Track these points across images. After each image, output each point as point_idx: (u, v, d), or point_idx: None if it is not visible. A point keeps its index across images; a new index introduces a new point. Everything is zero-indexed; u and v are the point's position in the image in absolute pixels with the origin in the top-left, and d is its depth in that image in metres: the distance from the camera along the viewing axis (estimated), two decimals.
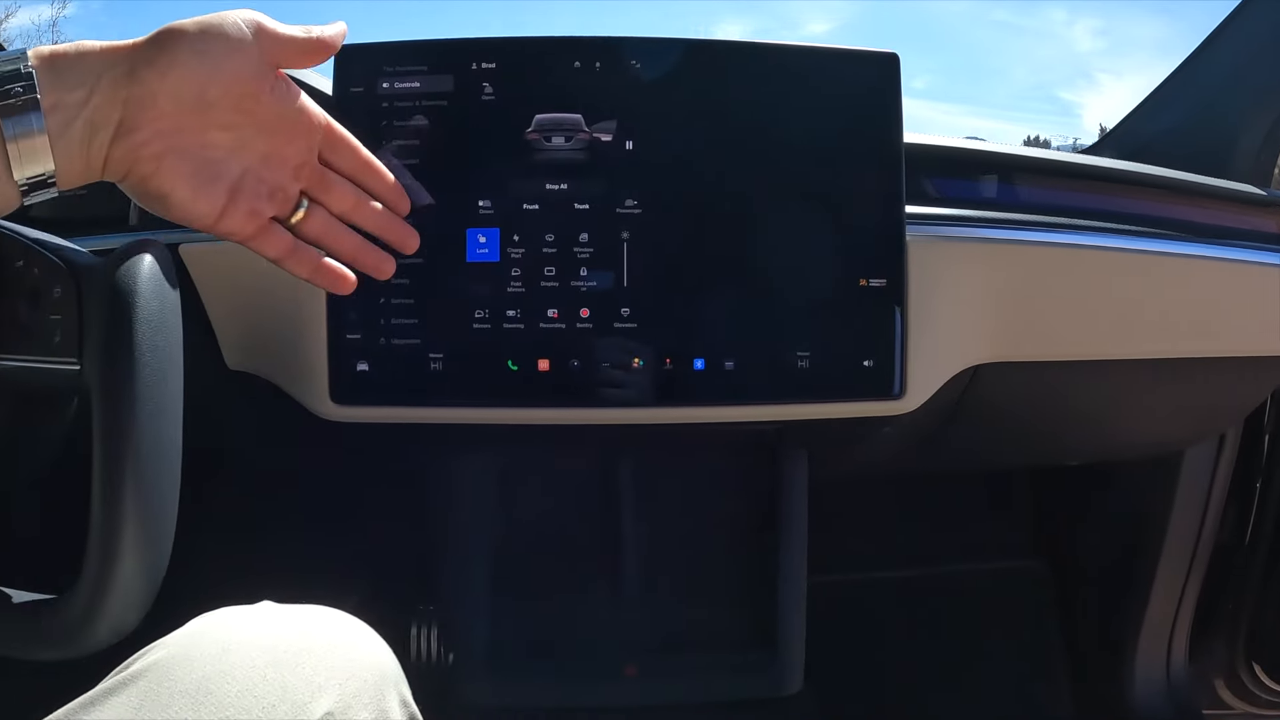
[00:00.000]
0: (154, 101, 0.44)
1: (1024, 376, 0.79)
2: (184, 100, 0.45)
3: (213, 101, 0.46)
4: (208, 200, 0.48)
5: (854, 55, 0.70)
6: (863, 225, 0.69)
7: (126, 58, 0.44)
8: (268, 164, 0.50)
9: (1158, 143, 1.23)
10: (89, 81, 0.43)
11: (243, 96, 0.47)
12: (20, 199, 0.43)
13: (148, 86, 0.44)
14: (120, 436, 0.50)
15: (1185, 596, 1.10)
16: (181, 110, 0.45)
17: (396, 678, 0.45)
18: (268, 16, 0.49)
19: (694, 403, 0.69)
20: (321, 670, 0.41)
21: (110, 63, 0.43)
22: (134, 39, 0.45)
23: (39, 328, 0.55)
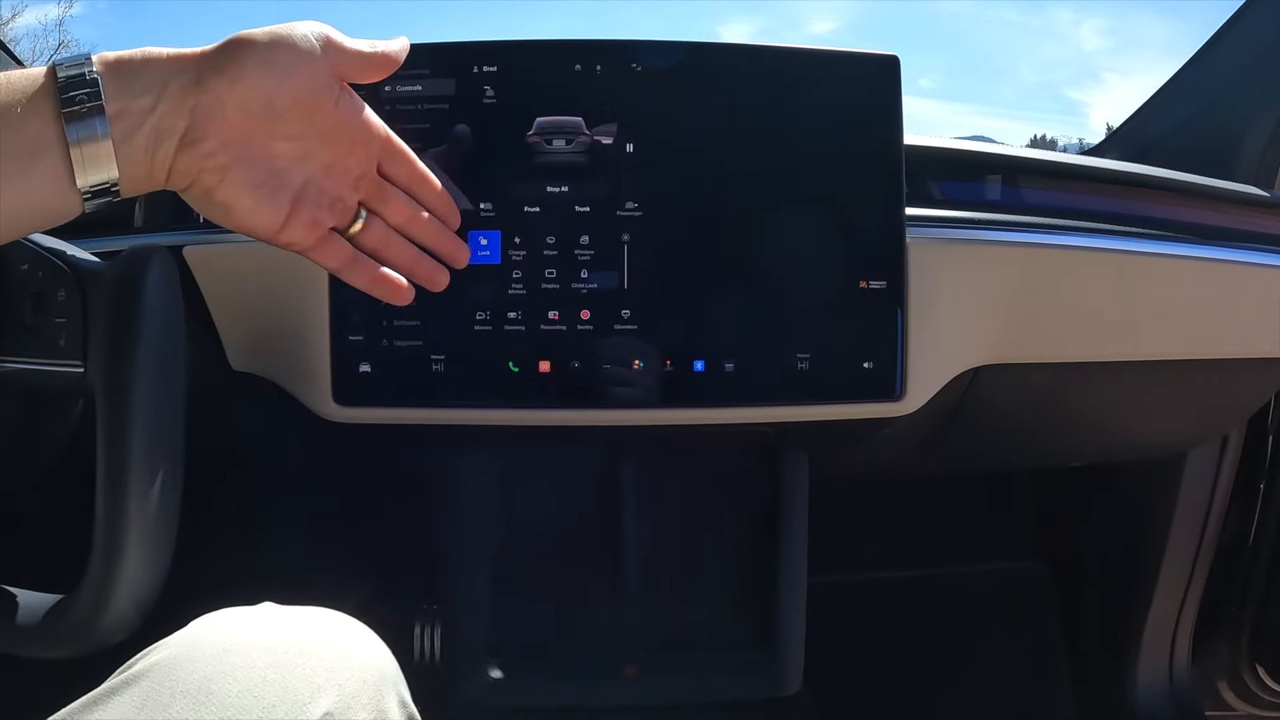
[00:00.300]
0: (221, 110, 0.44)
1: (1025, 378, 0.79)
2: (252, 110, 0.45)
3: (280, 112, 0.46)
4: (271, 211, 0.48)
5: (854, 57, 0.70)
6: (863, 227, 0.69)
7: (194, 65, 0.43)
8: (329, 175, 0.49)
9: (1162, 143, 1.23)
10: (155, 88, 0.42)
11: (310, 108, 0.47)
12: (82, 206, 0.43)
13: (216, 95, 0.43)
14: (123, 438, 0.51)
15: (1188, 598, 1.10)
16: (249, 120, 0.45)
17: (395, 678, 0.45)
18: (334, 29, 0.49)
19: (694, 404, 0.69)
20: (321, 671, 0.41)
21: (178, 70, 0.43)
22: (200, 47, 0.44)
23: (44, 330, 0.56)
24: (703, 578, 0.88)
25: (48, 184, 0.41)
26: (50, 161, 0.41)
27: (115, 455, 0.51)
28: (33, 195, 0.41)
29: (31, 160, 0.40)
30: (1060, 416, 0.87)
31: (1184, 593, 1.10)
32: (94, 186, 0.42)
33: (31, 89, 0.40)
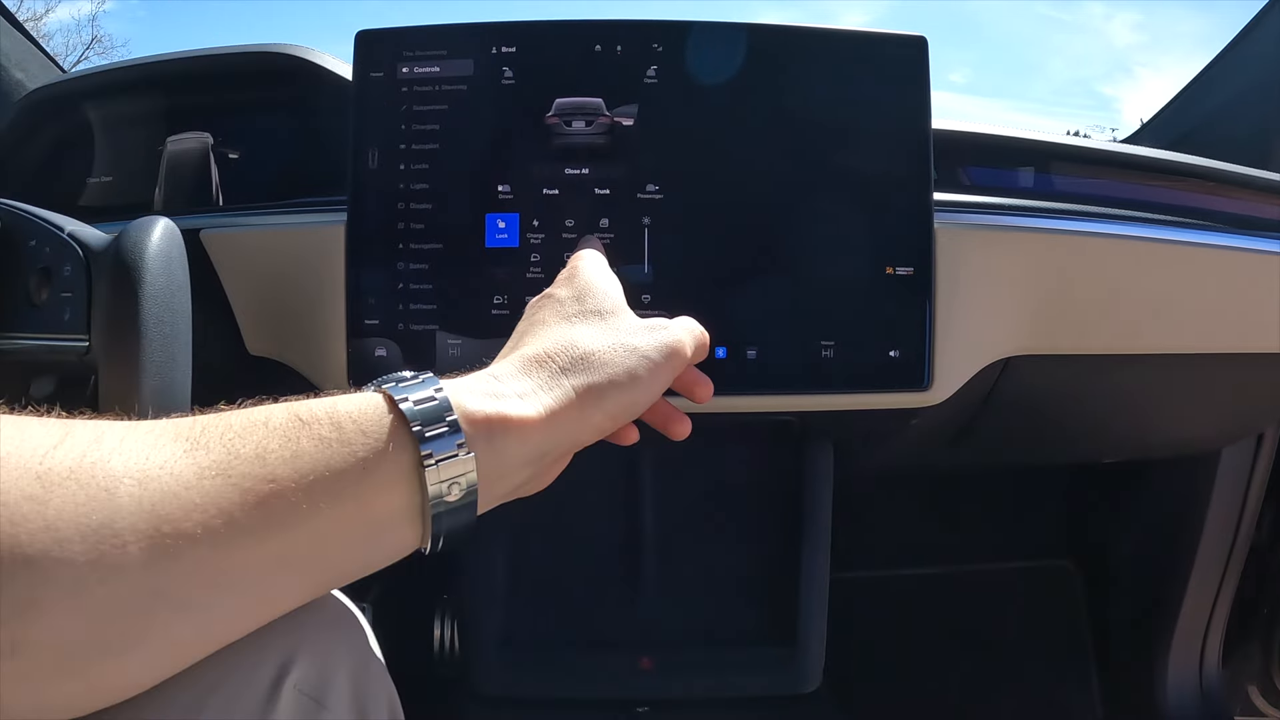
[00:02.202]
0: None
1: (1056, 369, 0.76)
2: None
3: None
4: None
5: (882, 38, 0.69)
6: (890, 212, 0.67)
7: (572, 431, 0.43)
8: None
9: (1195, 134, 1.20)
10: (530, 465, 0.42)
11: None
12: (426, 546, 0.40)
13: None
14: (126, 410, 0.50)
15: (1220, 599, 1.07)
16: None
17: (370, 656, 0.43)
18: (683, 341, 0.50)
19: (716, 392, 0.67)
20: (297, 643, 0.39)
21: (553, 443, 0.42)
22: (569, 401, 0.43)
23: (50, 306, 0.56)
24: (722, 571, 0.87)
25: (396, 547, 0.39)
26: (404, 535, 0.38)
27: None
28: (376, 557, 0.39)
29: (382, 532, 0.38)
30: (1091, 410, 0.85)
31: (1215, 593, 1.07)
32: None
33: (391, 472, 0.37)
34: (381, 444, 0.36)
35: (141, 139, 0.89)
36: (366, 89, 0.68)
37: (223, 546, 0.33)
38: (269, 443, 0.35)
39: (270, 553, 0.34)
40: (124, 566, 0.31)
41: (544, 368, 0.43)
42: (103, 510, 0.31)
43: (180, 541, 0.32)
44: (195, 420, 0.35)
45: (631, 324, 0.48)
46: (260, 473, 0.34)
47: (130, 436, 0.33)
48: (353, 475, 0.35)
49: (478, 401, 0.39)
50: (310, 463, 0.35)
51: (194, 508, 0.32)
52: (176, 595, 0.32)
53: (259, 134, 0.89)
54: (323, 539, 0.35)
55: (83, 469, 0.31)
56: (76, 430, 0.32)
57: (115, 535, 0.31)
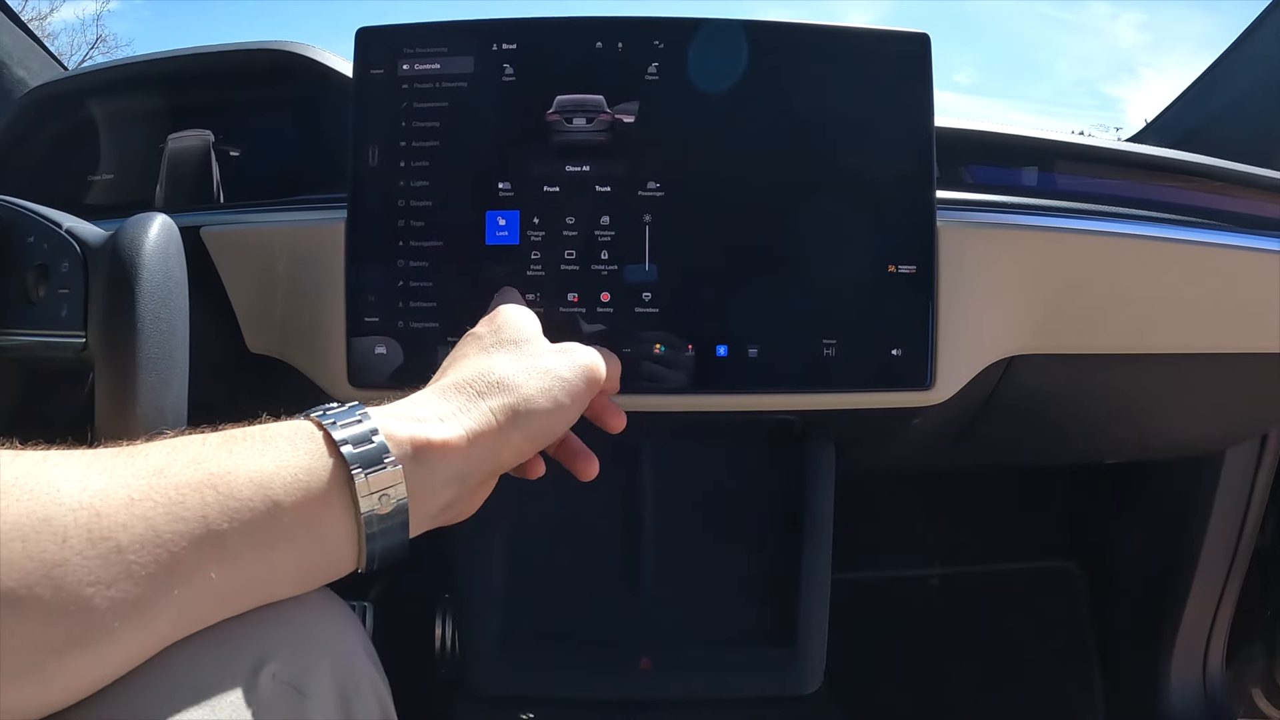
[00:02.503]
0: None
1: (1060, 369, 0.76)
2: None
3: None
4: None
5: (884, 35, 0.68)
6: (892, 210, 0.67)
7: (492, 452, 0.46)
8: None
9: (1200, 132, 1.20)
10: (455, 485, 0.44)
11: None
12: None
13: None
14: (122, 406, 0.50)
15: (1223, 601, 1.07)
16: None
17: (362, 653, 0.43)
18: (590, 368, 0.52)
19: (717, 390, 0.67)
20: (280, 634, 0.40)
21: (475, 467, 0.45)
22: (489, 423, 0.46)
23: (47, 302, 0.55)
24: (723, 571, 0.87)
25: (333, 564, 0.41)
26: (340, 552, 0.40)
27: (113, 424, 0.50)
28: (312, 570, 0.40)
29: (319, 545, 0.40)
30: (1095, 410, 0.85)
31: (1219, 596, 1.07)
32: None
33: (321, 482, 0.39)
34: (313, 458, 0.39)
35: (143, 136, 0.89)
36: (367, 86, 0.68)
37: (164, 538, 0.34)
38: (205, 451, 0.37)
39: (212, 546, 0.35)
40: (64, 560, 0.31)
41: (462, 393, 0.46)
42: (44, 509, 0.32)
43: (119, 533, 0.33)
44: (130, 443, 0.37)
45: (545, 349, 0.51)
46: (197, 473, 0.36)
47: (71, 456, 0.35)
48: (287, 482, 0.37)
49: (401, 426, 0.42)
50: (247, 469, 0.37)
51: (132, 502, 0.33)
52: (119, 590, 0.33)
53: (260, 132, 0.88)
54: (261, 541, 0.37)
55: (26, 477, 0.32)
56: (25, 453, 0.34)
57: (56, 532, 0.32)
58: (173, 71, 0.89)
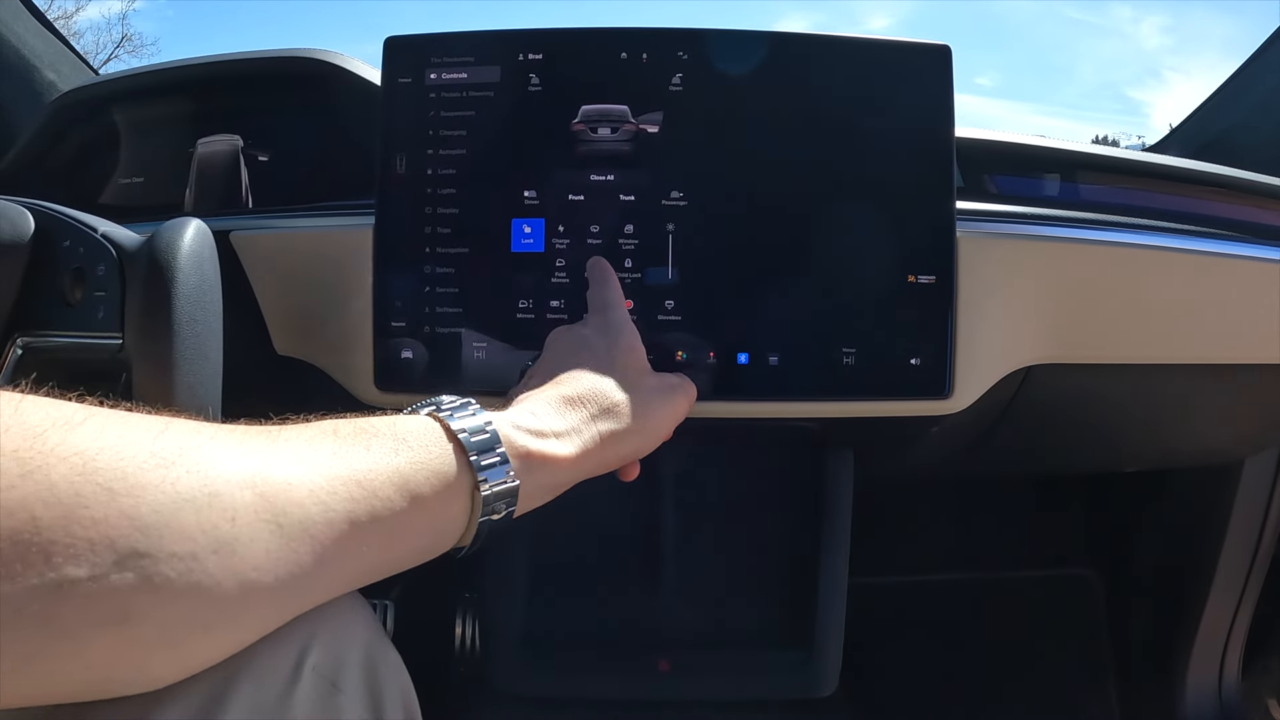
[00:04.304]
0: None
1: (1078, 379, 0.76)
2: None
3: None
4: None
5: (906, 47, 0.69)
6: (912, 221, 0.68)
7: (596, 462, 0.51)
8: None
9: (1223, 141, 1.19)
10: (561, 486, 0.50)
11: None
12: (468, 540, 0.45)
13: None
14: (159, 405, 0.51)
15: (1240, 610, 1.07)
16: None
17: (383, 647, 0.44)
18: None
19: (738, 397, 0.68)
20: (311, 629, 0.41)
21: (579, 473, 0.50)
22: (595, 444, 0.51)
23: (84, 304, 0.57)
24: (741, 574, 0.87)
25: (444, 547, 0.45)
26: (454, 538, 0.45)
27: None
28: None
29: (441, 533, 0.44)
30: (1114, 420, 0.85)
31: (1236, 605, 1.06)
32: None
33: (450, 487, 0.42)
34: (444, 463, 0.42)
35: (171, 141, 0.90)
36: (395, 95, 0.69)
37: (320, 523, 0.36)
38: (340, 445, 0.39)
39: (356, 537, 0.37)
40: (234, 537, 0.32)
41: (578, 411, 0.51)
42: (214, 483, 0.33)
43: (281, 517, 0.34)
44: (266, 427, 0.38)
45: (653, 382, 0.57)
46: (345, 467, 0.38)
47: (220, 433, 0.36)
48: (424, 483, 0.41)
49: (523, 439, 0.46)
50: (388, 467, 0.40)
51: (291, 486, 0.35)
52: (280, 569, 0.34)
53: (287, 137, 0.90)
54: (401, 529, 0.40)
55: (190, 449, 0.33)
56: (175, 423, 0.35)
57: (226, 507, 0.33)
58: (202, 77, 0.91)
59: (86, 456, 0.30)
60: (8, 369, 0.59)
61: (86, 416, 0.32)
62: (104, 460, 0.30)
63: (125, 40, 11.82)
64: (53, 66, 1.13)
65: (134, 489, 0.30)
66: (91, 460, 0.30)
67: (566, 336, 0.59)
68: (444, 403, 0.46)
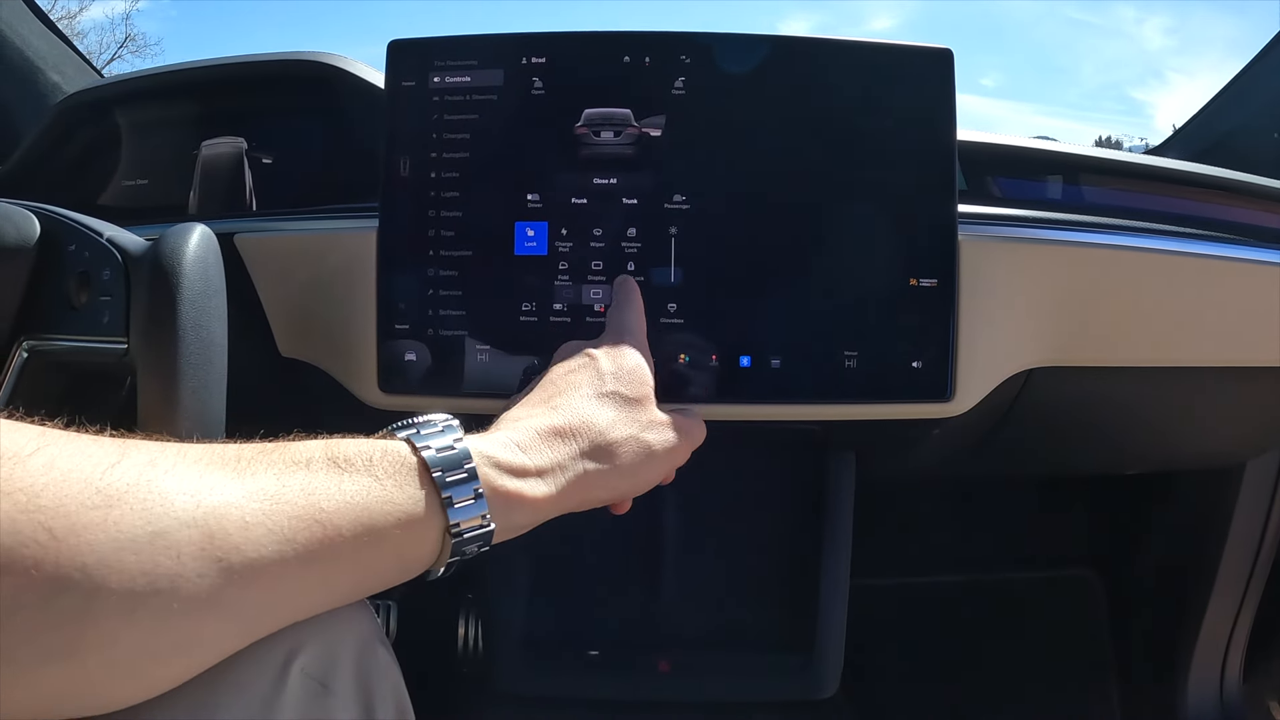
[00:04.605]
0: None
1: (1080, 382, 0.76)
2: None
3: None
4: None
5: (908, 51, 0.69)
6: (914, 224, 0.68)
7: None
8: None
9: (1226, 143, 1.20)
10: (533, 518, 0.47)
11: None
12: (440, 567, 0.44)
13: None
14: (164, 410, 0.52)
15: (1242, 612, 1.07)
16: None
17: (378, 646, 0.44)
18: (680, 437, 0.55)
19: (740, 400, 0.68)
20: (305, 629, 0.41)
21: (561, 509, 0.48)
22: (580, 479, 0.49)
23: (89, 309, 0.57)
24: (742, 576, 0.87)
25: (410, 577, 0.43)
26: (422, 570, 0.44)
27: (156, 428, 0.52)
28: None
29: (408, 570, 0.43)
30: (1116, 422, 0.85)
31: (1238, 607, 1.06)
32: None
33: (423, 526, 0.41)
34: (418, 503, 0.41)
35: (176, 143, 0.91)
36: (398, 98, 0.69)
37: (272, 563, 0.35)
38: (313, 480, 0.38)
39: (314, 574, 0.37)
40: (177, 575, 0.32)
41: (567, 445, 0.48)
42: (159, 521, 0.32)
43: (231, 555, 0.34)
44: (235, 451, 0.38)
45: (654, 418, 0.53)
46: (308, 504, 0.37)
47: (180, 463, 0.35)
48: (392, 524, 0.40)
49: (500, 479, 0.44)
50: (355, 505, 0.38)
51: (245, 525, 0.34)
52: (225, 605, 0.34)
53: (292, 139, 0.90)
54: (365, 564, 0.39)
55: (140, 485, 0.33)
56: (131, 452, 0.34)
57: (170, 546, 0.32)
58: (207, 80, 0.91)
59: (31, 494, 0.30)
60: (13, 372, 0.60)
61: (38, 447, 0.32)
62: (47, 498, 0.30)
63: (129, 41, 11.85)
64: (57, 68, 1.13)
65: (75, 529, 0.30)
66: (35, 498, 0.30)
67: (574, 353, 0.56)
68: (425, 429, 0.44)
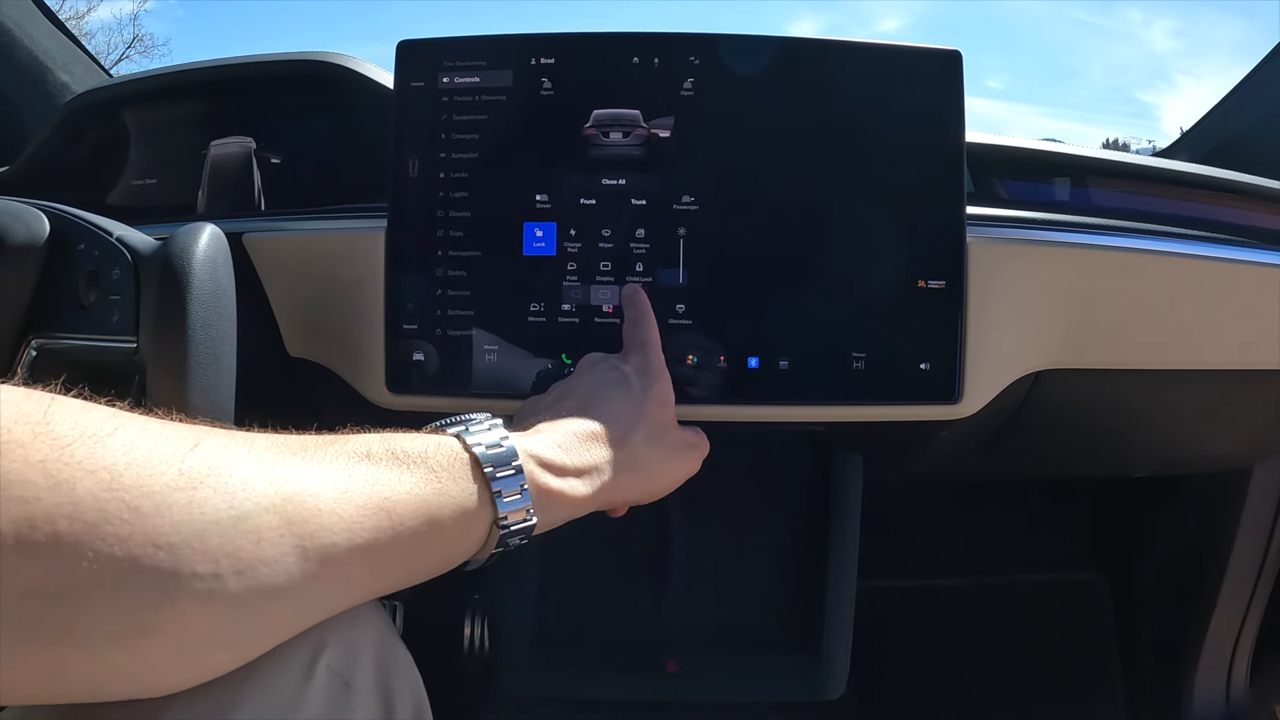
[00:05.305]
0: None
1: (1088, 384, 0.76)
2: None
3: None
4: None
5: (916, 52, 0.69)
6: (922, 226, 0.68)
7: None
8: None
9: (1235, 145, 1.19)
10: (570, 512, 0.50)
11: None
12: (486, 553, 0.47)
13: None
14: (175, 409, 0.52)
15: (1249, 616, 1.06)
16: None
17: (395, 645, 0.45)
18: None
19: (748, 401, 0.68)
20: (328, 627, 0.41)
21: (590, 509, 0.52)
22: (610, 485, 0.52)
23: (99, 307, 0.57)
24: (749, 577, 0.88)
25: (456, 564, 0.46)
26: (468, 557, 0.46)
27: None
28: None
29: (458, 556, 0.45)
30: (1123, 425, 0.85)
31: (1244, 610, 1.06)
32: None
33: (473, 519, 0.44)
34: (471, 498, 0.43)
35: (184, 142, 0.91)
36: (407, 98, 0.70)
37: (344, 548, 0.36)
38: (376, 471, 0.40)
39: (376, 562, 0.38)
40: (257, 559, 0.33)
41: (601, 450, 0.52)
42: (242, 505, 0.33)
43: (306, 541, 0.35)
44: (300, 441, 0.39)
45: (672, 439, 0.59)
46: (374, 494, 0.39)
47: (254, 448, 0.36)
48: (448, 515, 0.42)
49: (544, 476, 0.48)
50: (416, 497, 0.41)
51: (319, 512, 0.36)
52: (301, 590, 0.35)
53: (300, 139, 0.90)
54: (420, 554, 0.41)
55: (220, 469, 0.33)
56: (206, 437, 0.35)
57: (251, 530, 0.33)
58: (215, 80, 0.91)
59: (114, 472, 0.30)
60: (22, 370, 0.60)
61: (116, 427, 0.32)
62: (130, 477, 0.31)
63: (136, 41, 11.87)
64: (65, 68, 1.13)
65: (160, 508, 0.31)
66: (119, 476, 0.30)
67: (604, 368, 0.60)
68: (472, 426, 0.47)
